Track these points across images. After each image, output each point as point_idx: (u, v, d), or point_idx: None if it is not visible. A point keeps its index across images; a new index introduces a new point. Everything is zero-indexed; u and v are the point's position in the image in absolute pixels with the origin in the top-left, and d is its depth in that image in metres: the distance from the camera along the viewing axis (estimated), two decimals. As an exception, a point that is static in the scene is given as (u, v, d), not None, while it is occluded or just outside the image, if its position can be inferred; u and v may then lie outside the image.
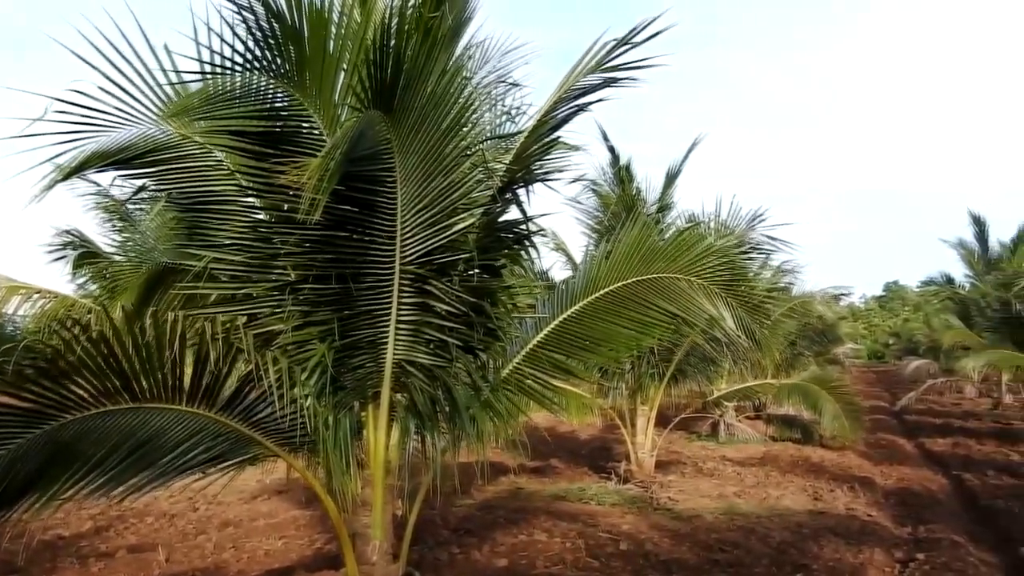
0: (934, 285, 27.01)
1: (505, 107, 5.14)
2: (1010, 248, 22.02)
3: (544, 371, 5.00)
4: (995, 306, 19.71)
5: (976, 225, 22.98)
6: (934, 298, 30.75)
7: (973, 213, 23.09)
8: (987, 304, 20.40)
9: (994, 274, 21.02)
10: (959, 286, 24.74)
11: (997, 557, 7.68)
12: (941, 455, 14.69)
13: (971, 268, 23.02)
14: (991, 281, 20.62)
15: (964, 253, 23.18)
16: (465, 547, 7.31)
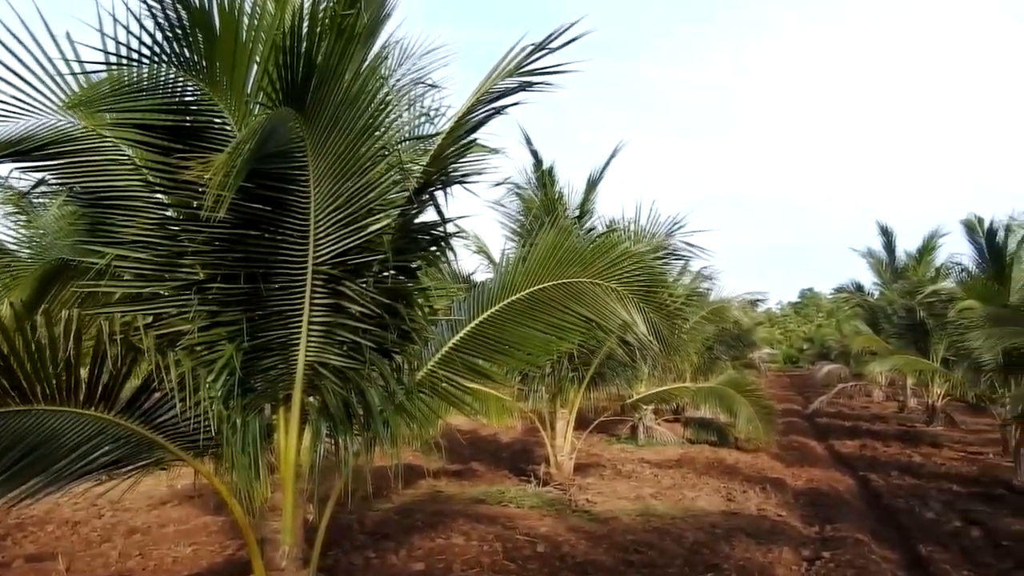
0: (845, 292, 28.03)
1: (424, 108, 5.12)
2: (915, 258, 23.02)
3: (459, 374, 4.99)
4: (901, 313, 20.55)
5: (884, 235, 23.97)
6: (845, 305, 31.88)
7: (881, 224, 24.09)
8: (893, 311, 21.25)
9: (900, 282, 21.93)
10: (868, 293, 25.76)
11: (897, 554, 8.00)
12: (849, 456, 15.24)
13: (879, 276, 24.00)
14: (898, 289, 21.50)
15: (873, 262, 24.15)
16: (381, 551, 7.24)
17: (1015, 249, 15.13)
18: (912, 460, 14.48)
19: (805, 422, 21.89)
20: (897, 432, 18.96)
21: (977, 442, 16.79)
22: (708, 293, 17.17)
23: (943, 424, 19.78)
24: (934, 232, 22.80)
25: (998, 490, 11.29)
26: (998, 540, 8.33)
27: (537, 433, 11.43)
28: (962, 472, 13.12)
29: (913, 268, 22.73)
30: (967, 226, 15.58)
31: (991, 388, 15.22)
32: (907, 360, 17.99)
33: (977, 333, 12.26)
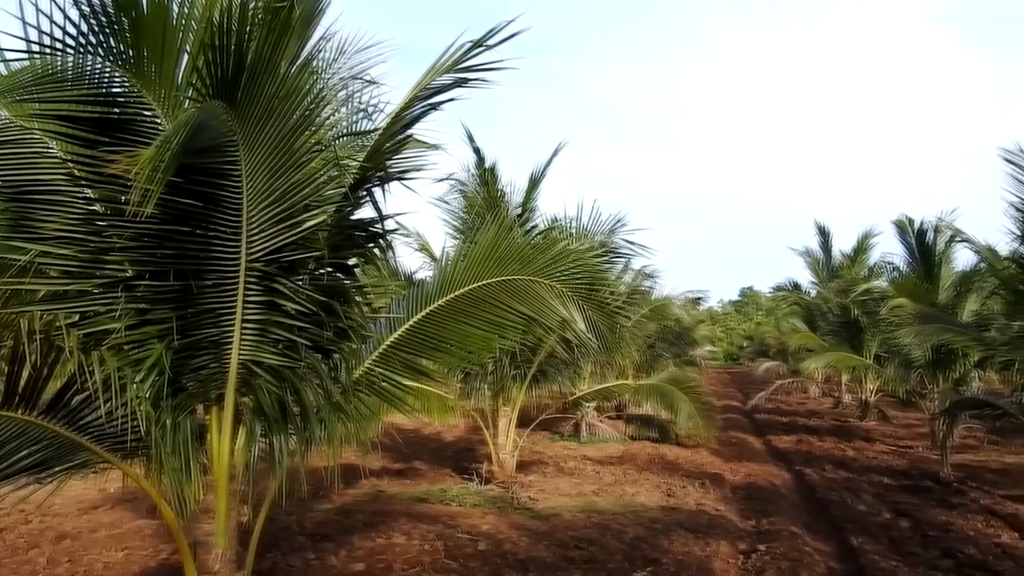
0: (783, 291, 28.59)
1: (362, 104, 5.05)
2: (850, 257, 23.58)
3: (398, 372, 4.94)
4: (836, 311, 21.06)
5: (821, 235, 24.51)
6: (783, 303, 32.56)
7: (819, 224, 24.64)
8: (829, 309, 21.77)
9: (836, 281, 22.45)
10: (805, 292, 26.32)
11: (830, 546, 8.21)
12: (786, 451, 15.59)
13: (816, 275, 24.53)
14: (833, 288, 22.02)
15: (810, 261, 24.67)
16: (321, 552, 7.15)
17: (943, 249, 15.64)
18: (846, 454, 14.87)
19: (744, 418, 22.31)
20: (832, 427, 19.46)
21: (907, 436, 17.34)
22: (650, 291, 17.37)
23: (876, 419, 20.36)
24: (868, 232, 23.42)
25: (926, 482, 11.67)
26: (925, 531, 8.61)
27: (480, 431, 11.43)
28: (892, 465, 13.53)
29: (848, 267, 23.29)
30: (898, 226, 16.06)
31: (920, 384, 15.74)
32: (841, 357, 18.46)
33: (907, 330, 12.65)
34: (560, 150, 10.66)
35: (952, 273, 15.78)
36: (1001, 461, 13.58)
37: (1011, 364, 10.76)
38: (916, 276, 15.69)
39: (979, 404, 11.87)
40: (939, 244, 15.63)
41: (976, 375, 15.52)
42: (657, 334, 18.43)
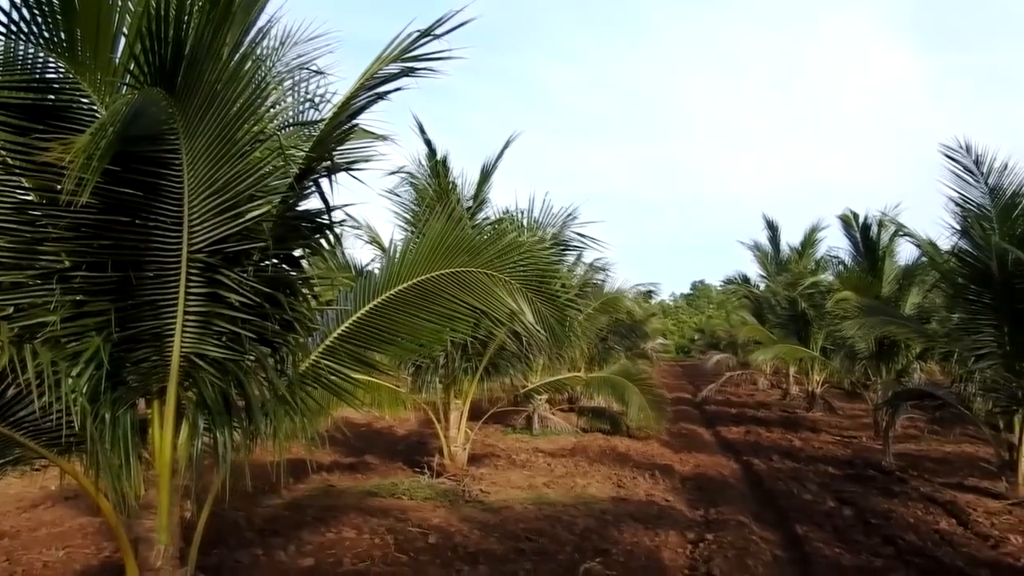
0: (733, 284, 28.97)
1: (309, 94, 5.00)
2: (798, 251, 24.00)
3: (345, 364, 4.90)
4: (784, 304, 21.43)
5: (770, 229, 24.88)
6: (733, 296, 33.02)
7: (767, 218, 25.01)
8: (777, 302, 22.15)
9: (784, 275, 22.84)
10: (754, 285, 26.70)
11: (776, 534, 8.36)
12: (735, 442, 15.82)
13: (765, 269, 24.88)
14: (781, 281, 22.40)
15: (759, 255, 25.02)
16: (269, 548, 7.06)
17: (887, 243, 16.02)
18: (792, 444, 15.15)
19: (695, 410, 22.59)
20: (780, 418, 19.81)
21: (852, 426, 17.72)
22: (602, 284, 17.49)
23: (822, 410, 20.76)
24: (815, 226, 23.84)
25: (869, 471, 11.94)
26: (867, 518, 8.80)
27: (432, 425, 11.39)
28: (837, 455, 13.82)
29: (795, 261, 23.68)
30: (844, 221, 16.39)
31: (865, 375, 16.11)
32: (789, 349, 18.79)
33: (851, 323, 12.91)
34: (511, 142, 10.66)
35: (895, 267, 16.17)
36: (941, 450, 13.94)
37: (951, 355, 11.09)
38: (861, 270, 16.05)
39: (920, 395, 12.19)
40: (883, 238, 16.00)
41: (918, 366, 15.94)
42: (609, 327, 18.57)
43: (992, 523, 8.37)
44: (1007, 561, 7.11)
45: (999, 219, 9.69)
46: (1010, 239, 9.39)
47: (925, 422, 15.17)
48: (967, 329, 10.30)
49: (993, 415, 10.12)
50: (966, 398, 10.54)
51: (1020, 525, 8.27)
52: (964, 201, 10.08)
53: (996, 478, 10.29)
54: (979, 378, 10.11)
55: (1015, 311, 9.54)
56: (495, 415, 13.17)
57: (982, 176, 9.76)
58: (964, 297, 10.37)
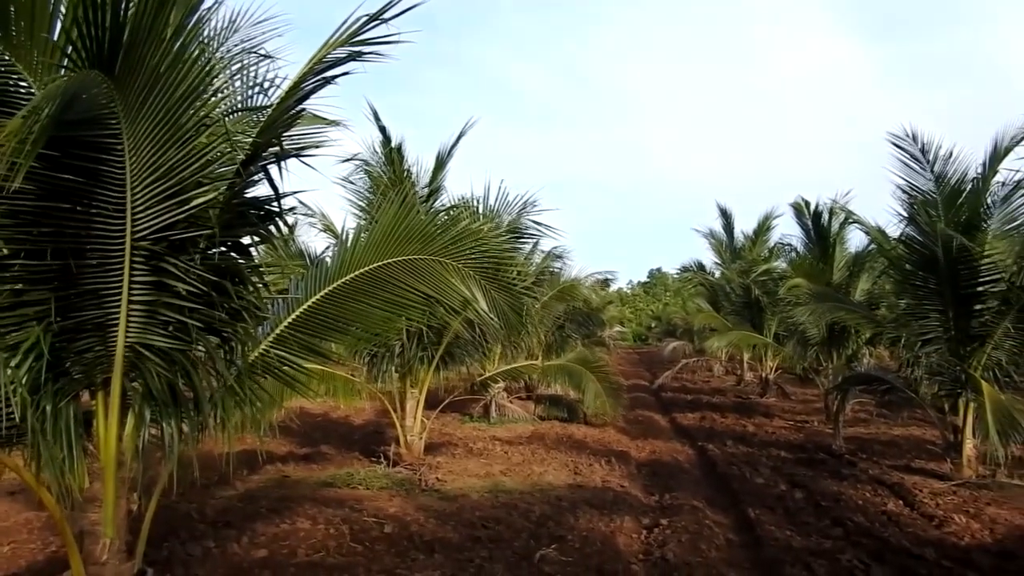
0: (689, 272, 29.25)
1: (257, 79, 4.90)
2: (751, 238, 24.30)
3: (296, 354, 4.84)
4: (738, 291, 21.70)
5: (724, 217, 25.15)
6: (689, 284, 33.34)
7: (721, 206, 25.28)
8: (731, 289, 22.41)
9: (738, 262, 23.12)
10: (709, 273, 26.97)
11: (729, 518, 8.48)
12: (690, 428, 16.02)
13: (719, 256, 25.17)
14: (735, 268, 22.68)
15: (714, 243, 25.29)
16: (222, 540, 6.97)
17: (838, 231, 16.30)
18: (746, 430, 15.38)
19: (651, 397, 22.82)
20: (734, 404, 20.09)
21: (804, 411, 18.04)
22: (559, 272, 17.55)
23: (775, 395, 21.12)
24: (769, 214, 24.15)
25: (820, 455, 12.17)
26: (818, 501, 8.98)
27: (389, 414, 11.33)
28: (790, 439, 14.06)
29: (749, 248, 23.98)
30: (796, 208, 16.63)
31: (817, 361, 16.42)
32: (743, 336, 19.05)
33: (803, 309, 13.13)
34: (467, 130, 10.60)
35: (846, 253, 16.48)
36: (890, 433, 14.25)
37: (898, 340, 11.32)
38: (812, 257, 16.32)
39: (869, 379, 12.45)
40: (834, 226, 16.28)
41: (867, 351, 16.28)
42: (566, 315, 18.63)
43: (937, 503, 8.59)
44: (951, 540, 7.30)
45: (944, 206, 9.92)
46: (955, 226, 9.61)
47: (874, 406, 15.47)
48: (914, 314, 10.54)
49: (939, 398, 10.36)
50: (913, 382, 10.78)
51: (964, 505, 8.49)
52: (911, 188, 10.30)
53: (941, 460, 10.56)
54: (925, 362, 10.34)
55: (959, 296, 9.79)
56: (453, 404, 13.16)
57: (928, 164, 9.97)
58: (911, 283, 10.60)
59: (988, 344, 9.67)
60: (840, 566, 6.56)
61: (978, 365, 9.68)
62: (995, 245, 9.47)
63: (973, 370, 9.62)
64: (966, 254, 9.49)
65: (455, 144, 10.58)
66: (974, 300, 9.80)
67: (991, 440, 8.97)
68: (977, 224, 9.69)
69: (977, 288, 9.69)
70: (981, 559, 6.65)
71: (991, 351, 9.69)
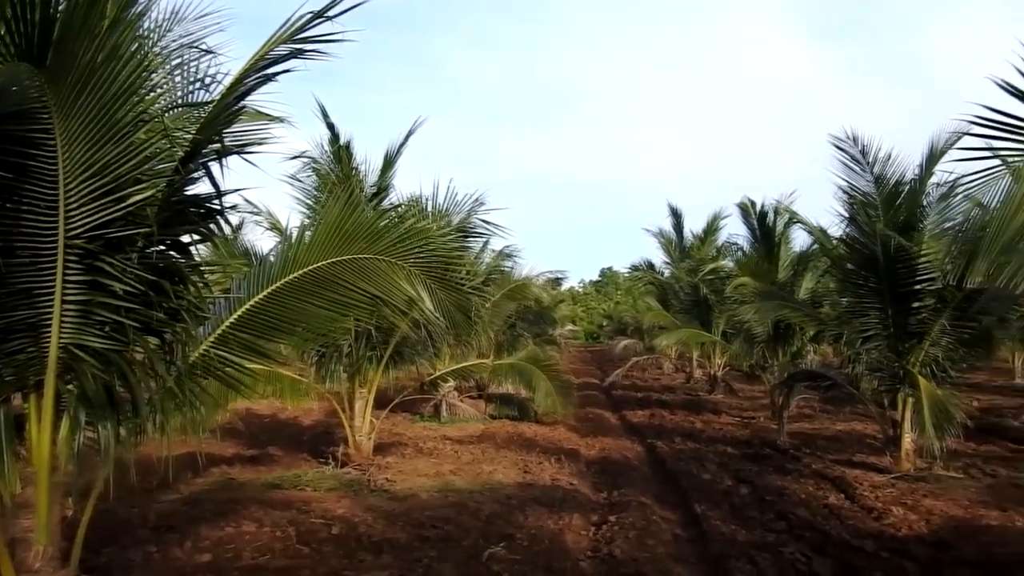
0: (639, 271, 29.53)
1: (198, 75, 4.81)
2: (700, 238, 24.61)
3: (238, 354, 4.76)
4: (687, 290, 21.99)
5: (674, 216, 25.42)
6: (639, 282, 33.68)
7: (671, 205, 25.55)
8: (680, 288, 22.70)
9: (687, 261, 23.41)
10: (659, 272, 27.27)
11: (676, 514, 8.58)
12: (639, 425, 16.17)
13: (669, 255, 25.44)
14: (684, 267, 22.97)
15: (663, 242, 25.56)
16: (165, 545, 6.83)
17: (783, 230, 16.62)
18: (695, 426, 15.57)
19: (602, 394, 22.98)
20: (683, 401, 20.34)
21: (751, 407, 18.33)
22: (511, 271, 17.57)
23: (723, 392, 21.43)
24: (717, 214, 24.43)
25: (766, 450, 12.38)
26: (763, 496, 9.13)
27: (338, 415, 11.22)
28: (737, 435, 14.28)
29: (698, 247, 24.28)
30: (742, 209, 16.90)
31: (763, 358, 16.70)
32: (691, 333, 19.30)
33: (749, 307, 13.36)
34: (416, 128, 10.54)
35: (790, 253, 16.81)
36: (833, 428, 14.55)
37: (840, 337, 11.58)
38: (758, 256, 16.60)
39: (813, 376, 12.72)
40: (779, 226, 16.59)
41: (812, 349, 16.61)
42: (517, 314, 18.68)
43: (877, 496, 8.80)
44: (889, 532, 7.49)
45: (883, 207, 10.17)
46: (893, 226, 9.86)
47: (818, 402, 15.79)
48: (855, 312, 10.78)
49: (879, 394, 10.62)
50: (854, 378, 11.04)
51: (902, 497, 8.71)
52: (852, 189, 10.54)
53: (882, 454, 10.82)
54: (866, 359, 10.60)
55: (898, 295, 10.04)
56: (403, 403, 13.08)
57: (868, 165, 10.22)
58: (852, 282, 10.85)
59: (925, 341, 9.94)
60: (783, 559, 6.69)
61: (916, 361, 9.94)
62: (931, 245, 9.73)
63: (911, 366, 9.88)
64: (904, 253, 9.74)
65: (404, 142, 10.52)
66: (912, 298, 10.06)
67: (927, 434, 9.23)
68: (914, 224, 9.96)
69: (915, 287, 9.95)
70: (918, 550, 6.83)
71: (928, 348, 9.95)
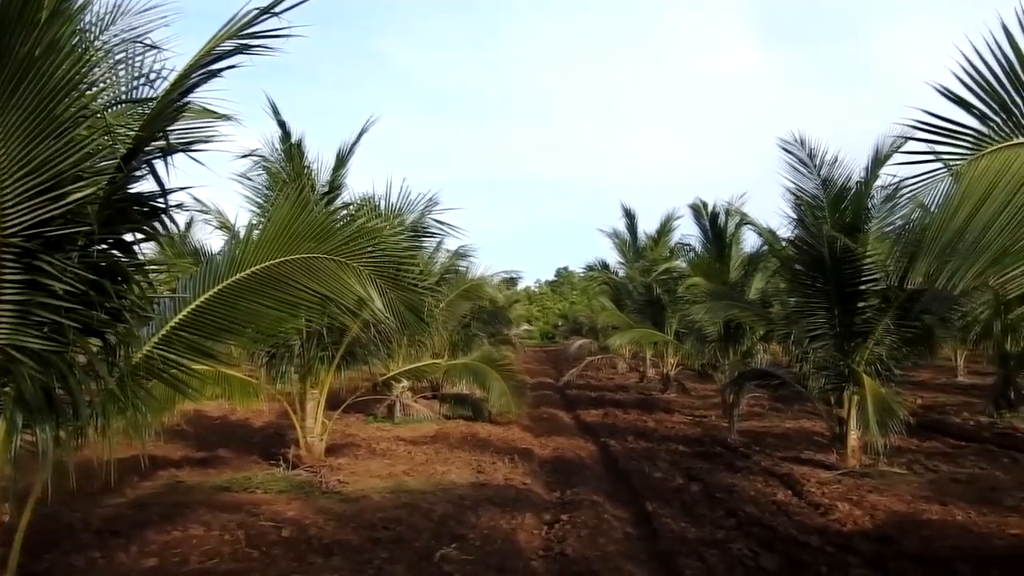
0: (594, 271, 29.71)
1: (143, 69, 4.72)
2: (654, 238, 24.85)
3: (184, 355, 4.68)
4: (640, 290, 22.20)
5: (628, 217, 25.64)
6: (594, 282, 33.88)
7: (625, 206, 25.78)
8: (634, 288, 22.89)
9: (641, 261, 23.63)
10: (614, 272, 27.47)
11: (628, 512, 8.65)
12: (593, 425, 16.27)
13: (623, 255, 25.67)
14: (638, 267, 23.17)
15: (618, 242, 25.78)
16: (108, 549, 6.69)
17: (734, 231, 16.84)
18: (647, 425, 15.72)
19: (556, 394, 23.09)
20: (636, 400, 20.53)
21: (703, 406, 18.57)
22: (465, 271, 17.55)
23: (676, 391, 21.66)
24: (670, 214, 24.66)
25: (716, 448, 12.55)
26: (713, 493, 9.26)
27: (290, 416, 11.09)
28: (688, 434, 14.45)
29: (651, 248, 24.51)
30: (694, 209, 17.09)
31: (714, 357, 16.91)
32: (644, 333, 19.48)
33: (700, 307, 13.52)
34: (369, 127, 10.47)
35: (741, 254, 17.04)
36: (782, 426, 14.82)
37: (789, 337, 11.79)
38: (710, 256, 16.81)
39: (762, 375, 12.93)
40: (730, 227, 16.81)
41: (762, 348, 16.86)
42: (472, 314, 18.65)
43: (823, 492, 8.98)
44: (834, 527, 7.64)
45: (830, 208, 10.39)
46: (840, 228, 10.07)
47: (768, 400, 16.06)
48: (803, 312, 10.97)
49: (825, 392, 10.82)
50: (802, 377, 11.23)
51: (847, 493, 8.90)
52: (800, 191, 10.75)
53: (828, 451, 11.04)
54: (813, 358, 10.80)
55: (844, 295, 10.25)
56: (357, 404, 12.98)
57: (815, 168, 10.43)
58: (800, 282, 11.05)
59: (870, 340, 10.16)
60: (731, 555, 6.78)
61: (861, 360, 10.16)
62: (876, 246, 9.95)
63: (856, 365, 10.09)
64: (850, 255, 9.95)
65: (356, 141, 10.45)
66: (857, 298, 10.27)
67: (872, 431, 9.44)
68: (860, 226, 10.18)
69: (860, 287, 10.17)
70: (862, 544, 6.99)
71: (873, 346, 10.18)
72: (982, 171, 4.64)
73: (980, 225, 4.55)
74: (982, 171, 4.64)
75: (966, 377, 23.11)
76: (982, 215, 4.54)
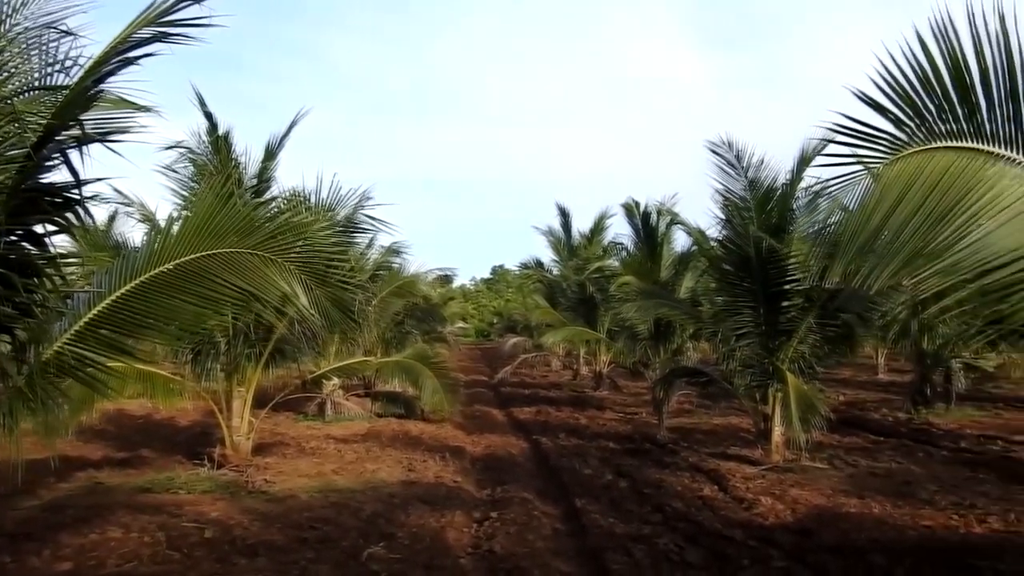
0: (529, 268, 29.81)
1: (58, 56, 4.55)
2: (587, 237, 25.04)
3: (99, 352, 4.53)
4: (574, 288, 22.37)
5: (562, 215, 25.77)
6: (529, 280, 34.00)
7: (560, 205, 25.90)
8: (568, 286, 23.05)
9: (574, 260, 23.79)
10: (548, 270, 27.59)
11: (557, 508, 8.71)
12: (526, 422, 16.33)
13: (557, 254, 25.78)
14: (572, 266, 23.34)
15: (552, 240, 25.87)
16: (21, 554, 6.45)
17: (665, 231, 17.08)
18: (579, 422, 15.86)
19: (490, 392, 23.11)
20: (569, 398, 20.68)
21: (634, 403, 18.80)
22: (399, 268, 17.43)
23: (608, 389, 21.87)
24: (604, 213, 24.85)
25: (646, 445, 12.73)
26: (641, 489, 9.38)
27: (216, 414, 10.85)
28: (619, 431, 14.62)
29: (585, 246, 24.68)
30: (627, 209, 17.30)
31: (645, 355, 17.14)
32: (577, 331, 19.62)
33: (632, 305, 13.68)
34: (300, 119, 10.31)
35: (672, 253, 17.29)
36: (710, 423, 15.09)
37: (717, 335, 12.01)
38: (642, 255, 17.03)
39: (692, 372, 13.14)
40: (661, 226, 17.04)
41: (691, 346, 17.17)
42: (406, 311, 18.54)
43: (747, 487, 9.18)
44: (758, 521, 7.82)
45: (757, 209, 10.63)
46: (766, 228, 10.32)
47: (697, 397, 16.34)
48: (730, 311, 11.20)
49: (751, 389, 11.06)
50: (730, 374, 11.46)
51: (771, 488, 9.12)
52: (728, 192, 10.97)
53: (754, 446, 11.30)
54: (740, 355, 11.03)
55: (769, 294, 10.51)
56: (287, 402, 12.77)
57: (743, 170, 10.66)
58: (728, 281, 11.28)
59: (794, 338, 10.44)
60: (657, 550, 6.88)
61: (785, 358, 10.43)
62: (799, 247, 10.22)
63: (780, 362, 10.35)
64: (775, 255, 10.20)
65: (287, 133, 10.28)
66: (782, 298, 10.54)
67: (795, 427, 9.69)
68: (785, 227, 10.44)
69: (784, 287, 10.43)
70: (783, 537, 7.16)
71: (796, 345, 10.46)
72: (897, 174, 4.78)
73: (895, 227, 4.68)
74: (897, 174, 4.78)
75: (886, 375, 23.92)
76: (896, 217, 4.67)
